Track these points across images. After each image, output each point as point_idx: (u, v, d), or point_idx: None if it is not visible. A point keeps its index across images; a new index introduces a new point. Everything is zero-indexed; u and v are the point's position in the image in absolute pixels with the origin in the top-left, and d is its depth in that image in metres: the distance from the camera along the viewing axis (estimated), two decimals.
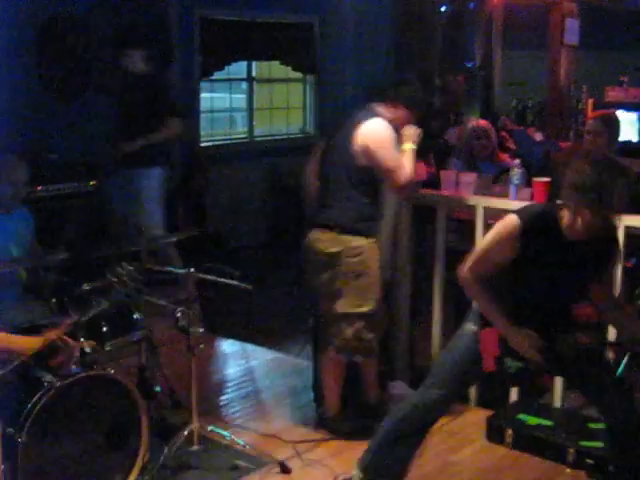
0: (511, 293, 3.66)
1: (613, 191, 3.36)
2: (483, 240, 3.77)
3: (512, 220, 3.56)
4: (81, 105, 7.27)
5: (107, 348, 4.24)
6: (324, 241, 4.66)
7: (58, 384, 3.69)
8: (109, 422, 3.94)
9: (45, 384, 3.69)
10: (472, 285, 3.67)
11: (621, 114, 6.75)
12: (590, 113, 7.18)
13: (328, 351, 4.81)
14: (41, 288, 4.61)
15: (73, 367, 3.87)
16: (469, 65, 7.90)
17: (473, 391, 5.15)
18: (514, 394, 5.02)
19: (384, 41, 5.33)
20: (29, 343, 2.94)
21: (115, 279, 2.39)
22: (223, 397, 5.45)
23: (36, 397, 3.61)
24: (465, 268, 3.67)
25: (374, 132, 4.51)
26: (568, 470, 4.43)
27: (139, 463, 4.01)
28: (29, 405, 3.58)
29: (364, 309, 4.64)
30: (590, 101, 7.64)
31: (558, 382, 4.88)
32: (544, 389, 5.02)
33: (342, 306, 4.66)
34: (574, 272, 3.59)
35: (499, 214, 4.86)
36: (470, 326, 3.78)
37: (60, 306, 4.08)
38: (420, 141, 4.64)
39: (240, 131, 10.11)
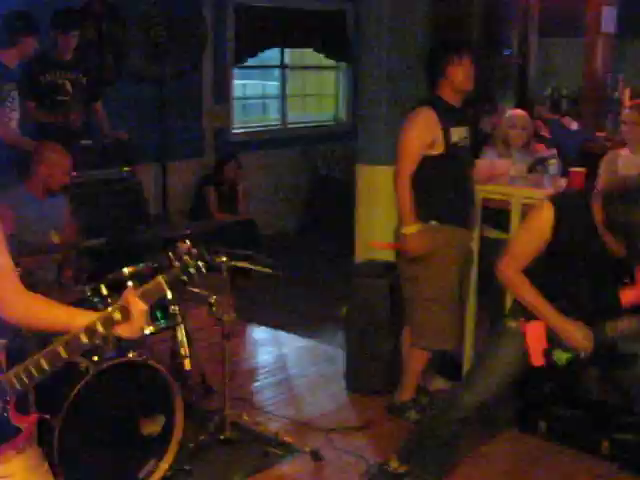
0: (553, 284, 3.62)
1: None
2: (518, 231, 3.73)
3: (546, 207, 3.53)
4: (116, 91, 7.29)
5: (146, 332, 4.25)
6: None
7: (94, 369, 3.71)
8: (143, 408, 3.97)
9: (81, 369, 3.72)
10: (513, 279, 3.63)
11: None
12: (627, 102, 7.09)
13: (411, 337, 4.84)
14: (78, 273, 4.66)
15: (109, 353, 3.89)
16: (505, 53, 7.85)
17: None
18: (547, 385, 4.99)
19: (419, 30, 5.28)
20: None
21: (176, 258, 2.34)
22: (255, 384, 5.46)
23: (72, 383, 3.63)
24: (504, 263, 3.64)
25: (407, 121, 4.62)
26: (601, 462, 4.41)
27: (173, 448, 4.03)
28: (65, 390, 3.61)
29: (437, 296, 4.67)
30: (627, 90, 7.56)
31: (591, 374, 4.84)
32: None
33: (419, 292, 4.71)
34: (610, 259, 3.53)
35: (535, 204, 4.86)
36: (511, 322, 3.75)
37: (96, 291, 4.09)
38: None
39: (273, 118, 10.11)
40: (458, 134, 4.62)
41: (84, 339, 2.32)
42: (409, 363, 4.89)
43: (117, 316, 2.33)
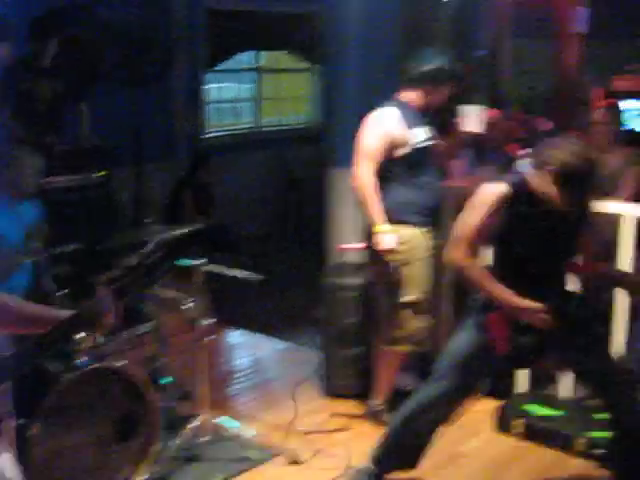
0: (503, 266, 3.68)
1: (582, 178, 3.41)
2: (464, 218, 3.76)
3: (490, 188, 3.62)
4: (92, 96, 7.25)
5: (118, 339, 4.25)
6: None
7: (68, 376, 3.69)
8: (119, 413, 3.95)
9: (56, 376, 3.70)
10: (467, 264, 3.66)
11: (629, 103, 6.73)
12: (597, 102, 7.14)
13: (381, 342, 4.85)
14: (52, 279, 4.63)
15: (84, 359, 3.87)
16: (477, 54, 7.87)
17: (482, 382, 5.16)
18: (522, 385, 5.02)
19: (391, 31, 5.30)
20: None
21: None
22: (232, 388, 5.46)
23: (47, 389, 3.62)
24: (453, 250, 3.69)
25: (369, 119, 4.61)
26: (577, 460, 4.44)
27: (149, 454, 4.02)
28: (40, 397, 3.59)
29: (410, 298, 4.67)
30: (597, 91, 7.60)
31: (567, 373, 4.87)
32: (554, 377, 5.03)
33: (390, 294, 4.72)
34: (558, 235, 3.61)
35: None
36: (472, 319, 3.78)
37: (71, 297, 4.08)
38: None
39: (247, 121, 10.10)
40: (420, 134, 4.62)
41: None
42: (382, 366, 4.90)
43: None
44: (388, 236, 4.55)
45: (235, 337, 6.38)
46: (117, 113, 7.33)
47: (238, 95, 10.12)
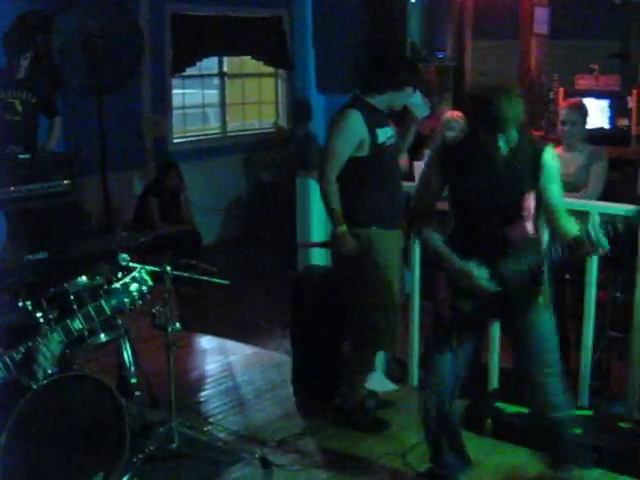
0: (457, 231, 3.86)
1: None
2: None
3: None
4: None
5: (84, 347, 4.23)
6: None
7: (36, 386, 3.67)
8: (89, 421, 3.94)
9: (23, 386, 3.67)
10: (424, 230, 3.90)
11: (592, 101, 6.79)
12: (561, 102, 7.20)
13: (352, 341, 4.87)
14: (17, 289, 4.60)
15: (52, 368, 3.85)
16: (440, 56, 7.92)
17: None
18: (493, 383, 5.05)
19: (353, 33, 5.32)
20: None
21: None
22: (202, 393, 5.45)
23: (15, 399, 3.60)
24: (412, 218, 4.00)
25: (332, 121, 4.68)
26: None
27: (120, 461, 4.00)
28: (8, 407, 3.57)
29: (377, 300, 4.69)
30: (561, 90, 7.67)
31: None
32: None
33: (358, 296, 4.73)
34: (501, 188, 3.69)
35: None
36: None
37: (37, 306, 4.05)
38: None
39: (213, 127, 10.09)
40: (384, 134, 4.64)
41: None
42: (352, 368, 4.91)
43: None
44: (347, 238, 4.58)
45: (205, 342, 6.36)
46: (83, 121, 7.31)
47: (203, 101, 10.10)
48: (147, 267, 4.83)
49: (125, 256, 4.15)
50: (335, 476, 4.37)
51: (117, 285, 3.19)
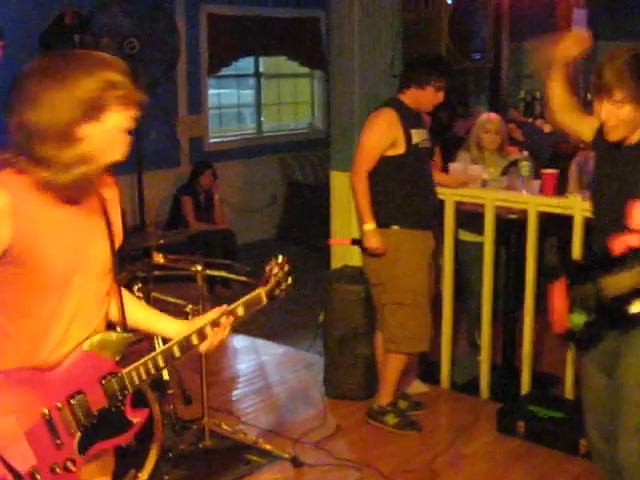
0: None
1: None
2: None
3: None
4: None
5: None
6: None
7: None
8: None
9: None
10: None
11: None
12: None
13: (384, 342, 4.86)
14: None
15: None
16: (477, 57, 7.88)
17: (484, 384, 5.17)
18: (525, 386, 5.02)
19: (390, 35, 5.32)
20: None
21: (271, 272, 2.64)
22: (234, 392, 5.46)
23: None
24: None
25: (369, 120, 4.71)
26: (580, 462, 4.43)
27: (152, 458, 4.02)
28: None
29: (404, 300, 4.70)
30: None
31: (570, 374, 4.87)
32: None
33: (387, 296, 4.74)
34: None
35: (508, 206, 4.91)
36: None
37: None
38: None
39: (248, 127, 10.12)
40: (419, 136, 4.66)
41: (195, 340, 2.52)
42: (384, 368, 4.90)
43: (223, 320, 2.62)
44: (373, 235, 4.60)
45: (237, 342, 6.38)
46: None
47: (238, 101, 10.14)
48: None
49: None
50: (368, 476, 4.36)
51: None
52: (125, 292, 2.58)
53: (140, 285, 4.40)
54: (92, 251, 2.32)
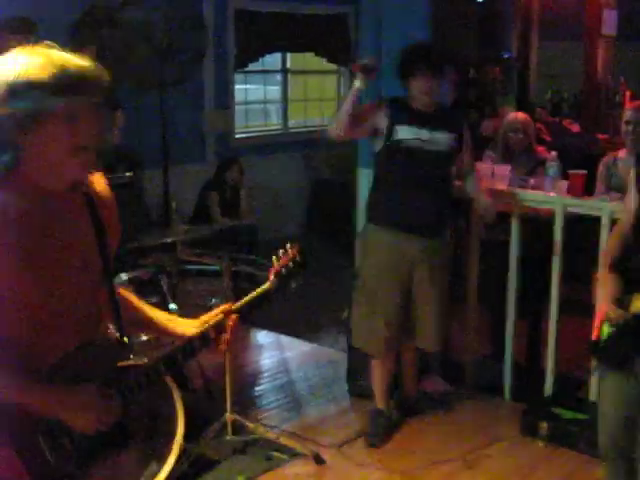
0: None
1: None
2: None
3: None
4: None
5: (143, 338, 4.26)
6: None
7: None
8: (146, 411, 3.96)
9: None
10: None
11: None
12: (627, 104, 7.10)
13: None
14: None
15: None
16: (505, 56, 7.86)
17: (507, 385, 5.15)
18: (548, 388, 5.00)
19: (417, 33, 5.29)
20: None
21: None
22: (258, 388, 5.47)
23: None
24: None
25: None
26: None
27: (175, 452, 4.02)
28: None
29: (361, 297, 4.73)
30: (628, 93, 7.56)
31: (594, 376, 4.84)
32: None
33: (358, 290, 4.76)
34: None
35: (535, 207, 4.88)
36: None
37: None
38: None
39: (274, 123, 10.12)
40: (409, 132, 4.47)
41: (197, 345, 2.46)
42: (406, 364, 4.94)
43: (228, 323, 2.47)
44: None
45: (261, 338, 6.39)
46: (145, 114, 7.37)
47: (265, 96, 10.15)
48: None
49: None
50: (389, 475, 4.36)
51: None
52: (129, 294, 2.54)
53: (165, 279, 4.42)
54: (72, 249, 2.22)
